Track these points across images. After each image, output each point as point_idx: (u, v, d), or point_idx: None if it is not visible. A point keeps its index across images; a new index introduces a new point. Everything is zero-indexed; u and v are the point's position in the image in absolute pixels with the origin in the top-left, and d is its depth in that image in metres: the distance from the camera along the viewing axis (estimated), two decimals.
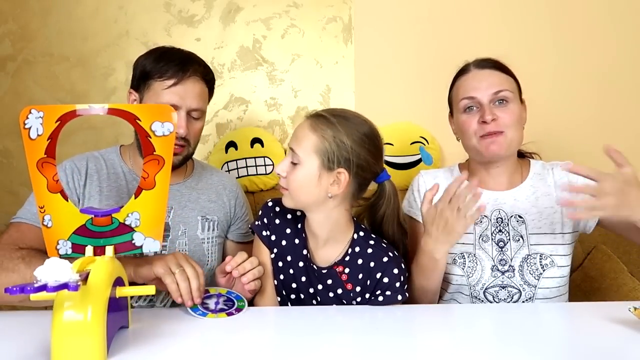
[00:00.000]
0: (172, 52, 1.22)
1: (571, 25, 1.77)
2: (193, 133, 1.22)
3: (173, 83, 1.16)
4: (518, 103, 1.18)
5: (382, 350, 0.81)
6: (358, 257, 1.09)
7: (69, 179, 1.18)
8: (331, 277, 1.10)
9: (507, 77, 1.19)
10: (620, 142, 1.76)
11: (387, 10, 1.78)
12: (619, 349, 0.82)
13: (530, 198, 1.20)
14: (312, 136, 1.03)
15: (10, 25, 1.79)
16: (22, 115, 0.81)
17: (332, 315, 1.02)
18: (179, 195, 1.26)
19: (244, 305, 1.00)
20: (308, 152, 1.03)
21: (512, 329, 0.94)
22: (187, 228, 1.24)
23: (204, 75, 1.21)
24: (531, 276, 1.15)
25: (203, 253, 1.25)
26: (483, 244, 1.19)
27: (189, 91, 1.17)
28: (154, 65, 1.17)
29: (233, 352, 0.81)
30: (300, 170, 1.03)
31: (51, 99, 1.78)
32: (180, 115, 1.17)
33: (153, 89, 1.17)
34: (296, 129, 1.08)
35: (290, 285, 1.13)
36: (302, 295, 1.12)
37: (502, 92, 1.15)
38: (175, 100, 1.15)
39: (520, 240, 1.17)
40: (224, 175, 1.39)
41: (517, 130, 1.16)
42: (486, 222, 1.20)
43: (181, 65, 1.17)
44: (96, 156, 1.25)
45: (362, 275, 1.08)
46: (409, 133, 1.73)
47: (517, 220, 1.18)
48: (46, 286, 0.66)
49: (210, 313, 0.95)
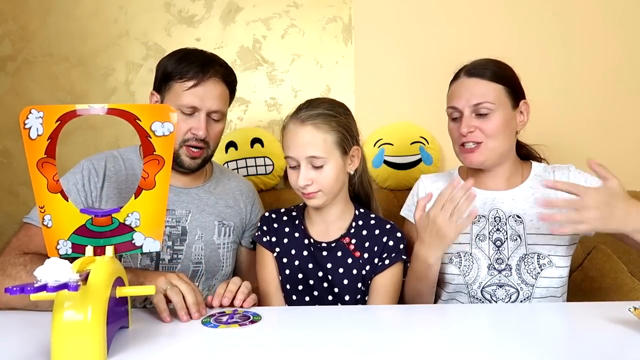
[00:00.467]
0: (194, 53, 1.20)
1: (575, 27, 1.77)
2: (213, 135, 1.20)
3: (193, 84, 1.15)
4: (505, 111, 1.15)
5: (381, 350, 0.81)
6: (362, 229, 1.17)
7: (85, 181, 1.16)
8: (340, 249, 1.16)
9: (495, 86, 1.15)
10: (625, 144, 1.78)
11: (387, 10, 1.78)
12: (619, 349, 0.82)
13: (529, 199, 1.20)
14: (324, 135, 1.09)
15: (10, 25, 1.79)
16: (22, 115, 0.81)
17: (332, 315, 1.02)
18: (197, 199, 1.25)
19: (259, 318, 0.95)
20: (329, 149, 1.09)
21: (511, 328, 0.94)
22: (204, 233, 1.23)
23: (224, 77, 1.20)
24: (529, 275, 1.14)
25: (218, 258, 1.25)
26: (480, 243, 1.19)
27: (209, 92, 1.16)
28: (175, 66, 1.17)
29: (233, 352, 0.81)
30: (328, 168, 1.10)
31: (51, 99, 1.78)
32: (199, 117, 1.16)
33: (173, 90, 1.16)
34: (293, 137, 1.10)
35: (297, 276, 1.16)
36: (311, 281, 1.15)
37: (483, 104, 1.13)
38: (195, 101, 1.15)
39: (517, 240, 1.17)
40: (241, 181, 1.38)
41: (500, 139, 1.15)
42: (484, 222, 1.20)
43: (202, 67, 1.16)
44: (115, 156, 1.24)
45: (369, 243, 1.15)
46: (409, 133, 1.73)
47: (515, 220, 1.18)
48: (46, 286, 0.66)
49: (222, 324, 0.91)
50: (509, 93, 1.16)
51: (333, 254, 1.15)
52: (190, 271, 1.21)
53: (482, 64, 1.19)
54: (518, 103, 1.18)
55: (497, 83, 1.15)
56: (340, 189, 1.15)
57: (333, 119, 1.10)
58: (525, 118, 1.20)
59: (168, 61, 1.19)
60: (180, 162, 1.19)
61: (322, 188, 1.10)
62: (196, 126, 1.16)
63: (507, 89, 1.16)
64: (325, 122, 1.09)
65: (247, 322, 0.92)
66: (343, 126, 1.11)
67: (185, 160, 1.19)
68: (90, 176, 1.17)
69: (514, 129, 1.19)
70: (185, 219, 1.22)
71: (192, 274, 1.21)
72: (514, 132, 1.19)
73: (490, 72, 1.16)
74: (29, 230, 1.10)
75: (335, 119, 1.11)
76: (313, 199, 1.12)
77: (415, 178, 1.70)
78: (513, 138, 1.19)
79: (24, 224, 1.12)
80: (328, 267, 1.15)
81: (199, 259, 1.22)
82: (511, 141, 1.19)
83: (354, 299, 1.14)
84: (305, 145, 1.09)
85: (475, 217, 1.13)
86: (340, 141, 1.11)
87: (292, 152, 1.11)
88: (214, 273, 1.25)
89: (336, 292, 1.14)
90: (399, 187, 1.74)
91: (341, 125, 1.11)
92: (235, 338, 0.86)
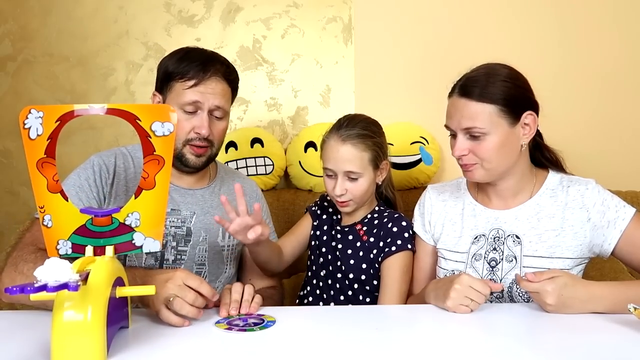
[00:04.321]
0: (195, 52, 1.19)
1: (576, 26, 1.77)
2: (216, 133, 1.19)
3: (194, 83, 1.14)
4: (500, 131, 1.07)
5: (381, 349, 0.81)
6: (375, 220, 1.31)
7: (97, 177, 1.15)
8: (352, 234, 1.31)
9: (486, 108, 1.06)
10: (623, 145, 1.78)
11: (387, 11, 1.78)
12: (619, 349, 0.82)
13: (532, 219, 1.14)
14: (361, 153, 1.23)
15: (10, 25, 1.79)
16: (22, 115, 0.81)
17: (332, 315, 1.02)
18: (202, 200, 1.24)
19: (273, 321, 0.94)
20: (364, 166, 1.24)
21: (511, 328, 0.94)
22: (209, 235, 1.22)
23: (226, 75, 1.18)
24: (520, 299, 1.10)
25: (222, 260, 1.24)
26: (475, 262, 1.15)
27: (210, 90, 1.15)
28: (176, 66, 1.16)
29: (233, 352, 0.81)
30: (362, 181, 1.25)
31: (51, 99, 1.78)
32: (202, 115, 1.15)
33: (175, 89, 1.16)
34: (335, 152, 1.24)
35: (322, 249, 1.33)
36: (329, 256, 1.31)
37: (473, 129, 1.07)
38: (196, 98, 1.14)
39: (513, 261, 1.12)
40: (246, 181, 1.37)
41: (496, 160, 1.09)
42: (483, 241, 1.16)
43: (202, 65, 1.15)
44: (124, 153, 1.23)
45: (376, 229, 1.28)
46: (409, 133, 1.73)
47: (514, 240, 1.13)
48: (46, 286, 0.65)
49: (238, 329, 0.90)
50: (504, 111, 1.07)
51: (345, 237, 1.31)
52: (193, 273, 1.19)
53: (474, 78, 1.10)
54: (519, 117, 1.08)
55: (489, 103, 1.06)
56: (369, 197, 1.31)
57: (369, 139, 1.25)
58: (531, 129, 1.10)
59: (169, 61, 1.18)
60: (185, 161, 1.18)
61: (354, 198, 1.25)
62: (199, 125, 1.15)
63: (501, 108, 1.06)
64: (363, 141, 1.23)
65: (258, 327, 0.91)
66: (377, 145, 1.26)
67: (191, 158, 1.18)
68: (102, 172, 1.16)
69: (515, 145, 1.10)
70: (190, 220, 1.21)
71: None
72: (515, 148, 1.10)
73: (479, 90, 1.07)
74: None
75: (372, 139, 1.25)
76: (346, 207, 1.28)
77: (415, 178, 1.72)
78: (515, 154, 1.11)
79: (35, 219, 1.11)
80: (339, 247, 1.30)
81: (202, 260, 1.22)
82: (512, 158, 1.11)
83: (358, 278, 1.27)
84: (345, 161, 1.23)
85: (475, 238, 1.16)
86: (374, 158, 1.25)
87: (332, 165, 1.25)
88: (217, 275, 1.24)
89: (343, 270, 1.28)
90: (399, 187, 1.74)
91: (376, 144, 1.26)
92: (236, 338, 0.86)
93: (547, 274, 0.97)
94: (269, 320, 0.94)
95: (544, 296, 0.95)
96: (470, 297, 0.97)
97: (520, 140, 1.11)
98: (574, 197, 1.13)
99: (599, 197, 1.11)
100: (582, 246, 1.11)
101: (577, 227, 1.11)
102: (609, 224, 1.09)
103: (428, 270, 1.25)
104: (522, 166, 1.14)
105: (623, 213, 1.09)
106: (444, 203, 1.24)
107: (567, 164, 1.21)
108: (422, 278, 1.24)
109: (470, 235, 1.17)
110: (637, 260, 1.10)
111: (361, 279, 1.26)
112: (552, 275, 0.96)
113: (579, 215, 1.11)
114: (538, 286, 0.95)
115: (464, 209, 1.21)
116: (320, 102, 1.81)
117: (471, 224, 1.18)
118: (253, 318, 0.95)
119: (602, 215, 1.10)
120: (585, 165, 1.44)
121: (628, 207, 1.10)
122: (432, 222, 1.24)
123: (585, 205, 1.11)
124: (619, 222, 1.08)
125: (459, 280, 0.98)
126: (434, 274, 1.23)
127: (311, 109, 1.82)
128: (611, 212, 1.10)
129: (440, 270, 1.19)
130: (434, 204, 1.25)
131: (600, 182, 1.16)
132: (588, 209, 1.11)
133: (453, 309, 0.98)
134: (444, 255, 1.19)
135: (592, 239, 1.11)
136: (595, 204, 1.11)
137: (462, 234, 1.18)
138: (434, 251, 1.24)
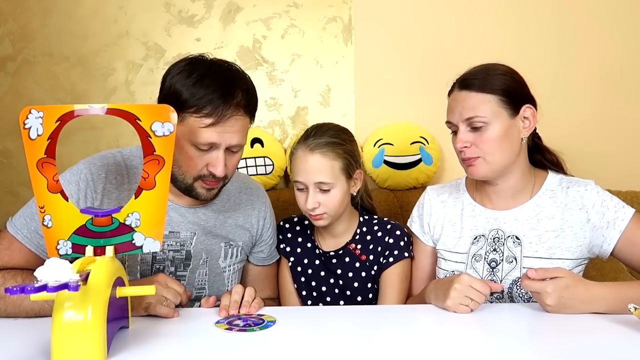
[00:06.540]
0: (211, 75, 1.03)
1: (574, 28, 1.77)
2: (231, 167, 1.08)
3: (212, 122, 1.00)
4: (502, 122, 1.08)
5: (381, 349, 0.81)
6: (366, 234, 1.26)
7: (81, 194, 1.05)
8: (347, 256, 1.25)
9: (486, 97, 1.08)
10: (623, 145, 1.78)
11: (387, 11, 1.78)
12: (619, 349, 0.82)
13: (532, 220, 1.13)
14: (331, 162, 1.17)
15: (10, 25, 1.79)
16: (22, 115, 0.81)
17: (332, 315, 1.02)
18: (204, 220, 1.15)
19: (273, 321, 0.94)
20: (335, 175, 1.18)
21: (511, 328, 0.94)
22: (210, 257, 1.15)
23: (247, 106, 1.05)
24: (520, 299, 1.10)
25: (223, 282, 1.18)
26: (475, 263, 1.15)
27: (230, 129, 1.02)
28: (190, 93, 1.00)
29: (233, 352, 0.81)
30: (334, 192, 1.18)
31: (51, 99, 1.78)
32: (218, 155, 1.03)
33: (188, 123, 1.01)
34: (303, 163, 1.18)
35: (311, 284, 1.28)
36: (324, 288, 1.27)
37: (475, 118, 1.07)
38: (213, 140, 1.02)
39: (513, 262, 1.12)
40: (253, 194, 1.26)
41: (499, 152, 1.08)
42: (482, 241, 1.16)
43: (222, 99, 1.00)
44: (119, 162, 1.11)
45: (373, 245, 1.24)
46: (409, 133, 1.73)
47: (514, 241, 1.13)
48: (46, 286, 0.66)
49: (238, 330, 0.90)
50: (504, 102, 1.08)
51: (342, 260, 1.26)
52: (193, 297, 1.14)
53: (473, 73, 1.12)
54: (519, 109, 1.10)
55: (489, 93, 1.08)
56: (344, 209, 1.24)
57: (339, 147, 1.18)
58: (531, 123, 1.11)
59: (180, 81, 1.02)
60: (195, 194, 1.08)
61: (327, 210, 1.19)
62: (214, 164, 1.04)
63: (501, 98, 1.08)
64: (332, 150, 1.17)
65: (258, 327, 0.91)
66: (348, 153, 1.20)
67: (202, 192, 1.08)
68: (88, 190, 1.05)
69: (516, 137, 1.10)
70: (190, 242, 1.13)
71: (195, 299, 1.15)
72: (516, 141, 1.11)
73: (479, 82, 1.09)
74: (12, 244, 1.01)
75: (342, 147, 1.19)
76: (320, 220, 1.20)
77: (415, 178, 1.72)
78: (516, 147, 1.11)
79: (6, 231, 1.02)
80: (338, 273, 1.25)
81: (202, 284, 1.16)
82: (514, 151, 1.11)
83: (367, 299, 1.24)
84: (314, 171, 1.17)
85: (475, 239, 1.16)
86: (346, 167, 1.19)
87: (301, 177, 1.18)
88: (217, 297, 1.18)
89: (348, 295, 1.24)
90: (399, 187, 1.75)
91: (347, 152, 1.19)
92: (236, 337, 0.87)
93: (552, 271, 0.97)
94: (269, 320, 0.94)
95: (544, 297, 0.95)
96: (470, 296, 0.97)
97: (520, 133, 1.11)
98: (573, 198, 1.13)
99: (598, 198, 1.11)
100: (581, 247, 1.11)
101: (576, 228, 1.11)
102: (608, 224, 1.09)
103: (427, 271, 1.25)
104: (522, 165, 1.15)
105: (622, 213, 1.09)
106: (443, 204, 1.24)
107: (567, 164, 1.21)
108: (422, 278, 1.25)
109: (470, 235, 1.17)
110: (637, 260, 1.10)
111: (369, 298, 1.24)
112: (556, 275, 0.96)
113: (579, 216, 1.11)
114: (539, 287, 0.95)
115: (464, 209, 1.21)
116: (320, 102, 1.81)
117: (471, 224, 1.19)
118: (253, 318, 0.95)
119: (601, 216, 1.10)
120: (585, 165, 1.45)
121: (627, 208, 1.11)
122: (432, 223, 1.24)
123: (585, 206, 1.11)
124: (619, 222, 1.09)
125: (459, 280, 0.98)
126: (433, 274, 1.23)
127: (311, 109, 1.82)
128: (610, 213, 1.10)
129: (440, 271, 1.19)
130: (433, 205, 1.25)
131: (600, 182, 1.16)
132: (587, 209, 1.11)
133: (453, 308, 0.98)
134: (443, 255, 1.19)
135: (592, 240, 1.11)
136: (595, 204, 1.11)
137: (462, 235, 1.19)
138: (432, 252, 1.24)
